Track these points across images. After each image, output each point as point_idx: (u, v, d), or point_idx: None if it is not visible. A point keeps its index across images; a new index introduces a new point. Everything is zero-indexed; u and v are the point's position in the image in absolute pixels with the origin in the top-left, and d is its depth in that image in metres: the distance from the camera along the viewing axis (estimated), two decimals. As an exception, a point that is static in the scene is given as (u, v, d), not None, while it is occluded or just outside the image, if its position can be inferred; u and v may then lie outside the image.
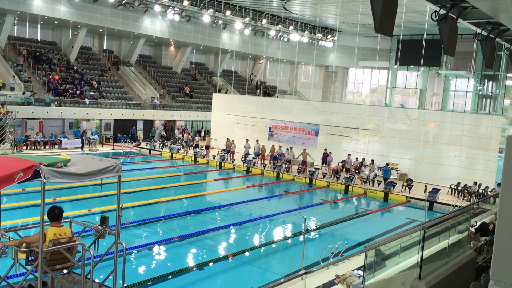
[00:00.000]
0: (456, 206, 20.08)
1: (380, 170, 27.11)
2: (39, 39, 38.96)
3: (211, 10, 40.29)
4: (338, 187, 25.52)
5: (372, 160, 27.26)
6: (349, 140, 30.80)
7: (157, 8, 37.24)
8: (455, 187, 24.38)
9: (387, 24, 7.12)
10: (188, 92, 44.70)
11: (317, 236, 16.80)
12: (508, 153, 2.39)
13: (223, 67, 50.80)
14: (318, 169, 27.50)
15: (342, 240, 13.90)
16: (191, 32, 42.34)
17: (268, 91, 52.04)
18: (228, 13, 41.16)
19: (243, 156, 30.40)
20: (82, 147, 31.64)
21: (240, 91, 48.31)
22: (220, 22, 41.68)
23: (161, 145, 34.86)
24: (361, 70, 57.57)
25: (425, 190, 23.36)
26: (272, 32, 46.19)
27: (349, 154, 28.52)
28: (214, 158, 31.04)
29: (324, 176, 26.96)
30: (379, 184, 25.33)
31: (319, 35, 49.75)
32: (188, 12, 39.28)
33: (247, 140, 31.71)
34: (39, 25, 38.48)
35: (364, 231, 17.73)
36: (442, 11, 9.09)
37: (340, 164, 28.72)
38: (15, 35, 37.23)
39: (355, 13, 39.70)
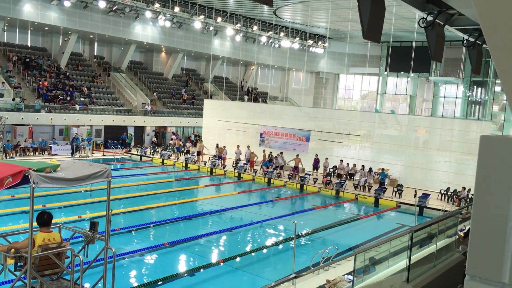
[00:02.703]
0: (446, 211, 20.22)
1: (376, 175, 27.27)
2: (29, 45, 38.80)
3: (202, 16, 40.37)
4: (329, 192, 25.61)
5: (363, 166, 27.41)
6: (340, 146, 30.95)
7: (148, 14, 37.27)
8: (445, 192, 24.56)
9: (375, 30, 7.21)
10: (185, 98, 44.92)
11: (308, 241, 16.83)
12: (482, 151, 2.45)
13: (215, 73, 50.87)
14: (309, 174, 27.58)
15: (333, 245, 13.96)
16: (182, 38, 42.39)
17: (257, 97, 52.07)
18: (219, 19, 41.27)
19: (234, 162, 30.42)
20: (72, 154, 31.43)
21: (231, 97, 48.39)
22: (211, 28, 41.77)
23: (152, 151, 34.77)
24: (352, 77, 57.88)
25: (415, 195, 23.51)
26: (263, 39, 46.38)
27: (341, 160, 28.66)
28: (205, 164, 31.03)
29: (315, 182, 27.04)
30: (369, 190, 25.45)
31: (310, 42, 50.01)
32: (179, 18, 39.34)
33: (238, 146, 31.75)
34: (29, 31, 38.34)
35: (355, 236, 17.80)
36: (430, 18, 9.20)
37: (331, 170, 28.88)
38: (5, 41, 37.05)
39: (345, 20, 40.00)
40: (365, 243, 15.90)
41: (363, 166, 27.43)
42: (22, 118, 31.16)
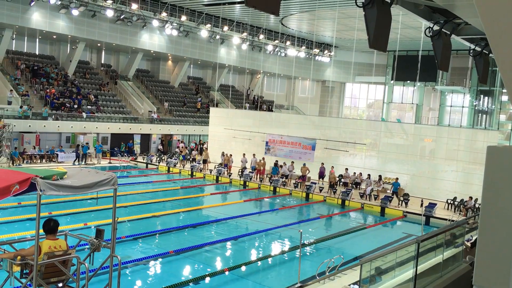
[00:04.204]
0: (452, 220, 20.09)
1: (388, 184, 27.11)
2: (37, 53, 39.15)
3: (208, 25, 40.60)
4: (335, 201, 25.50)
5: (369, 175, 27.31)
6: (346, 155, 30.86)
7: (155, 23, 37.51)
8: (452, 202, 24.41)
9: (381, 40, 7.22)
10: (199, 107, 45.30)
11: (313, 250, 16.75)
12: (489, 162, 2.45)
13: (221, 81, 51.03)
14: (315, 183, 27.49)
15: (338, 255, 13.87)
16: (189, 47, 42.61)
17: (262, 105, 51.97)
18: (225, 28, 41.48)
19: (240, 170, 30.40)
20: (75, 162, 31.33)
21: (237, 106, 48.48)
22: (217, 37, 41.97)
23: (158, 159, 34.84)
24: (358, 85, 57.86)
25: (422, 205, 23.37)
26: (269, 47, 46.52)
27: (346, 169, 28.57)
28: (211, 172, 31.03)
29: (320, 191, 26.95)
30: (375, 199, 25.33)
31: (316, 51, 50.10)
32: (186, 27, 39.57)
33: (244, 154, 31.74)
34: (37, 39, 38.69)
35: (361, 245, 17.69)
36: (436, 27, 9.22)
37: (337, 178, 28.76)
38: (13, 49, 37.40)
39: (351, 29, 40.08)
40: (371, 252, 15.81)
41: (369, 175, 27.32)
42: (30, 126, 31.36)
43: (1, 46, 33.99)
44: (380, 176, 27.02)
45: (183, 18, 38.58)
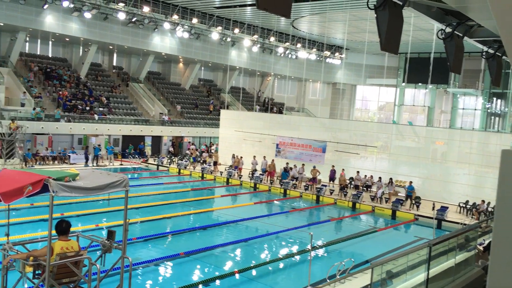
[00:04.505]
0: (465, 224, 19.90)
1: (401, 187, 26.94)
2: (50, 56, 39.53)
3: (219, 27, 40.72)
4: (346, 204, 25.40)
5: (380, 177, 27.16)
6: (357, 157, 30.72)
7: (167, 25, 37.71)
8: (464, 205, 24.18)
9: (393, 42, 7.19)
10: (212, 109, 45.57)
11: (324, 253, 16.70)
12: (503, 165, 2.42)
13: (231, 83, 51.11)
14: (326, 185, 27.41)
15: (349, 258, 13.80)
16: (200, 49, 42.76)
17: (271, 107, 51.95)
18: (236, 30, 41.56)
19: (250, 173, 30.41)
20: (86, 163, 31.46)
21: (248, 108, 48.53)
22: (228, 39, 42.07)
23: (169, 161, 34.97)
24: (369, 88, 57.61)
25: (433, 208, 23.19)
26: (280, 50, 46.53)
27: (358, 171, 28.45)
28: (221, 174, 31.07)
29: (331, 193, 26.85)
30: (386, 202, 25.18)
31: (327, 53, 50.00)
32: (197, 29, 39.73)
33: (254, 157, 31.73)
34: (50, 42, 39.08)
35: (372, 248, 17.59)
36: (448, 30, 9.16)
37: (348, 181, 28.65)
38: (27, 51, 37.81)
39: (362, 31, 39.94)
40: (382, 255, 15.71)
41: (380, 177, 27.18)
42: (42, 127, 31.66)
43: (15, 48, 34.40)
44: (391, 179, 26.84)
45: (194, 20, 38.73)
